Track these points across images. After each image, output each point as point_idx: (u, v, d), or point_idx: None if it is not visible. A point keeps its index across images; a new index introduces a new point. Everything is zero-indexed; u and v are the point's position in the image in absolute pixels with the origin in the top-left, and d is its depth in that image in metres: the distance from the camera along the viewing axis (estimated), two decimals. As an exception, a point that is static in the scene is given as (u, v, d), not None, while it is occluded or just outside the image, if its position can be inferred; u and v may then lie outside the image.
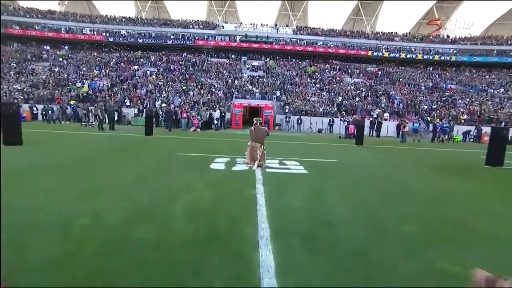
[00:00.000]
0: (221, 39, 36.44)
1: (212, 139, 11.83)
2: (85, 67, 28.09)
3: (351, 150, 10.25)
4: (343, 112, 22.36)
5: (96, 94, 21.96)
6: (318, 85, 28.61)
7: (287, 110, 22.81)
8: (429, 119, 20.52)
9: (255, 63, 34.51)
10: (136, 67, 28.89)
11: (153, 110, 15.38)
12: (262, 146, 6.45)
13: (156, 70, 29.12)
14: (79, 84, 23.42)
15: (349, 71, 32.94)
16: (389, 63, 34.48)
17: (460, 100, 24.97)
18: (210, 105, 21.38)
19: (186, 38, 35.37)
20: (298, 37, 37.24)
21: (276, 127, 20.93)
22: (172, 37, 35.00)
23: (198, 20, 38.96)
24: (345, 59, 35.11)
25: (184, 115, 15.54)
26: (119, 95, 22.43)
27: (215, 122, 18.77)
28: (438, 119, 17.69)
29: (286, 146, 10.60)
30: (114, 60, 30.13)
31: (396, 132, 19.79)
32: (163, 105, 20.73)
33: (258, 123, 6.55)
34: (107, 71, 27.60)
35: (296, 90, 26.96)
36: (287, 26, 39.99)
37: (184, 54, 34.86)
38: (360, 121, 12.25)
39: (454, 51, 31.74)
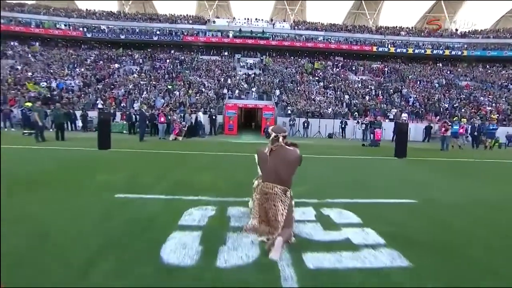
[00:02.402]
0: (212, 35, 32.88)
1: (194, 153, 8.16)
2: (56, 65, 24.07)
3: (404, 169, 6.71)
4: (355, 113, 18.93)
5: (62, 95, 18.02)
6: (321, 83, 25.29)
7: (289, 112, 19.28)
8: (456, 119, 17.20)
9: (250, 60, 31.18)
10: (116, 65, 25.10)
11: (110, 113, 11.72)
12: (288, 194, 2.82)
13: (139, 69, 25.35)
14: (44, 84, 19.43)
15: (353, 68, 29.80)
16: (395, 59, 31.35)
17: (482, 98, 21.83)
18: (198, 106, 17.67)
19: (173, 34, 31.68)
20: (296, 32, 33.91)
21: (278, 132, 17.27)
22: (158, 33, 31.25)
23: (187, 15, 35.26)
24: (347, 56, 31.90)
25: (162, 119, 11.80)
26: (90, 96, 18.56)
27: (202, 126, 15.14)
28: (478, 120, 14.37)
29: (305, 163, 6.98)
30: (92, 58, 26.37)
31: (424, 135, 16.38)
32: (144, 106, 16.97)
33: (281, 138, 2.94)
34: (82, 69, 23.68)
35: (298, 88, 23.54)
36: (284, 21, 36.63)
37: (172, 51, 31.19)
38: (404, 124, 8.71)
39: (465, 46, 28.73)
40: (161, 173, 5.24)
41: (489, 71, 28.14)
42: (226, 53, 32.58)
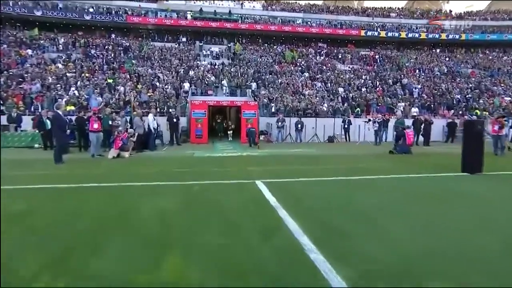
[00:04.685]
0: (165, 15, 29.61)
1: (145, 186, 5.28)
2: None
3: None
4: (357, 108, 17.16)
5: None
6: (306, 74, 23.45)
7: (274, 110, 16.88)
8: (478, 112, 16.21)
9: (215, 48, 28.83)
10: (29, 51, 20.65)
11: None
12: None
13: (65, 57, 21.23)
14: None
15: (339, 56, 28.60)
16: (385, 44, 30.79)
17: (495, 87, 21.50)
18: (152, 105, 14.42)
19: (113, 13, 27.76)
20: (270, 14, 32.13)
21: (262, 137, 14.75)
22: (91, 11, 27.09)
23: (131, -11, 31.39)
24: (331, 42, 30.64)
25: (95, 125, 8.55)
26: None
27: (159, 134, 12.18)
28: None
29: (352, 198, 4.59)
30: None
31: (447, 134, 14.91)
32: (62, 107, 13.35)
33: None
34: None
35: (279, 81, 21.38)
36: (254, 0, 34.36)
37: (112, 35, 27.32)
38: (476, 122, 6.59)
39: (462, 29, 28.98)
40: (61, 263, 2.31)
41: (490, 56, 28.64)
42: (184, 39, 29.93)
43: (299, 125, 15.11)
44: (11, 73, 17.12)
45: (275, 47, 29.91)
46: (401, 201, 4.48)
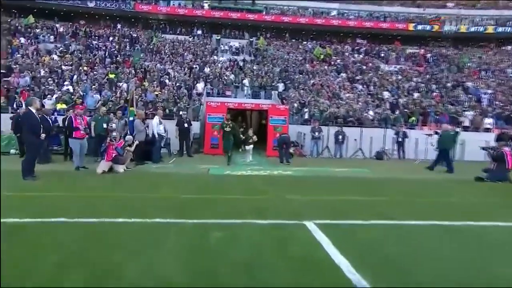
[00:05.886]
0: (179, 4, 29.20)
1: (118, 243, 3.80)
2: None
3: None
4: (412, 118, 15.46)
5: None
6: (343, 74, 22.13)
7: (307, 116, 15.48)
8: None
9: (235, 43, 28.34)
10: (21, 40, 20.29)
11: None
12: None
13: (63, 47, 20.79)
14: None
15: (381, 55, 27.20)
16: (439, 41, 29.00)
17: None
18: (159, 106, 13.23)
19: (120, 0, 27.54)
20: (300, 4, 31.08)
21: (293, 149, 13.16)
22: (96, -3, 26.90)
23: (142, -25, 31.32)
24: (372, 37, 29.24)
25: (79, 131, 7.34)
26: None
27: (166, 141, 11.05)
28: None
29: None
30: None
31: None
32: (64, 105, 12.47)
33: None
34: None
35: (312, 82, 20.18)
36: (282, -13, 33.54)
37: (118, 25, 27.06)
38: None
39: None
40: None
41: None
42: (199, 32, 29.69)
43: (340, 136, 13.51)
44: (-2, 64, 16.55)
45: (304, 42, 29.09)
46: None
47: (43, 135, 6.27)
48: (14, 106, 12.96)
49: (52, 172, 7.14)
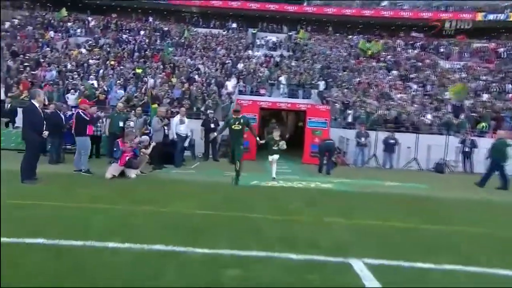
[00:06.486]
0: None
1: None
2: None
3: None
4: (483, 123, 13.92)
5: None
6: (395, 72, 21.14)
7: (350, 119, 14.61)
8: None
9: (272, 37, 28.10)
10: (51, 33, 21.13)
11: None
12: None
13: (92, 41, 21.42)
14: None
15: (441, 50, 25.92)
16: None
17: None
18: (185, 104, 12.82)
19: (154, -7, 28.11)
20: (347, -6, 29.94)
21: (334, 157, 12.12)
22: (129, -9, 27.68)
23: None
24: (430, 30, 27.44)
25: (92, 128, 6.95)
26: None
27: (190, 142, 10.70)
28: None
29: None
30: (16, 22, 22.93)
31: None
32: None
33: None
34: None
35: (357, 80, 19.46)
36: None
37: (150, 18, 27.63)
38: None
39: None
40: None
41: None
42: (234, 25, 29.87)
43: (390, 143, 12.40)
44: (27, 57, 17.16)
45: (350, 36, 28.31)
46: None
47: (45, 133, 5.87)
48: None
49: (57, 175, 6.75)
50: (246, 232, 4.10)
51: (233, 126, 7.16)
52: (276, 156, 8.01)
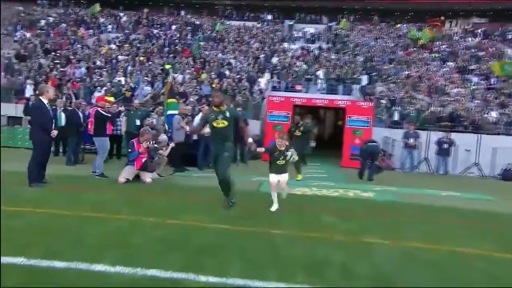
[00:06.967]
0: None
1: None
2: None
3: None
4: None
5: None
6: (451, 64, 20.24)
7: (397, 117, 13.91)
8: None
9: (310, 28, 27.57)
10: (81, 30, 22.02)
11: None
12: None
13: (123, 37, 22.06)
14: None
15: (509, 37, 24.16)
16: None
17: None
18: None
19: (186, -14, 28.51)
20: (394, -21, 28.71)
21: (381, 159, 11.32)
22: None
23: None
24: (494, 14, 25.54)
25: (111, 127, 6.79)
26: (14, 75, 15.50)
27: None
28: None
29: None
30: (51, 19, 24.20)
31: None
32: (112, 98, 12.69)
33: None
34: (28, 34, 21.62)
35: (406, 73, 18.65)
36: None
37: (182, 12, 28.13)
38: None
39: None
40: None
41: None
42: (269, 17, 29.79)
43: (445, 145, 11.48)
44: (58, 54, 17.85)
45: (398, 25, 27.22)
46: None
47: (54, 132, 5.71)
48: (64, 98, 13.60)
49: (69, 178, 6.61)
50: (264, 254, 3.55)
51: (214, 123, 5.16)
52: (284, 176, 5.46)
